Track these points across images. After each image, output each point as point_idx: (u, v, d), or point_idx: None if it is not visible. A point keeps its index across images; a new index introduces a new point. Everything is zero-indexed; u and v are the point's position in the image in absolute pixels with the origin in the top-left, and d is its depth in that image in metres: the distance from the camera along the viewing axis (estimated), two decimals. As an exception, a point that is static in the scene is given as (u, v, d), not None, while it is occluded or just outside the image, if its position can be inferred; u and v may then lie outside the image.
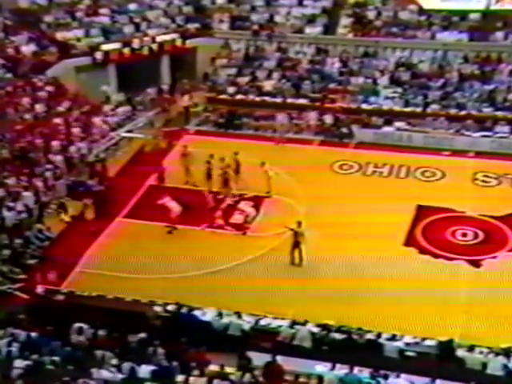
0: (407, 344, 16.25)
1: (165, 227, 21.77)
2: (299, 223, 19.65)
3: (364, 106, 29.53)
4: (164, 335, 16.21)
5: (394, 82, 30.29)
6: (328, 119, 28.87)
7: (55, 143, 25.19)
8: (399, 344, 16.22)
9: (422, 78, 30.30)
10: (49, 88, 28.11)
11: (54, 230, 21.79)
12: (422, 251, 20.56)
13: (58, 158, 24.55)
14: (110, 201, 23.03)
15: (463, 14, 31.25)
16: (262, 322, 16.97)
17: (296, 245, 19.55)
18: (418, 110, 28.93)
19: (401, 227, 21.57)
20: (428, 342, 16.26)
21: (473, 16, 31.23)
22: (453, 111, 28.58)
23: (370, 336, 16.37)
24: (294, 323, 16.74)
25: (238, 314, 17.09)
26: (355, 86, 30.48)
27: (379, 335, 16.38)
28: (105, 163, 25.44)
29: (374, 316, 17.35)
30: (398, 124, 28.31)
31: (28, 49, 29.35)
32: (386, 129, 28.31)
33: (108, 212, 22.66)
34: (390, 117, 28.70)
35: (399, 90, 29.84)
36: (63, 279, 19.42)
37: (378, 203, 22.41)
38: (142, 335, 16.14)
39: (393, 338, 16.34)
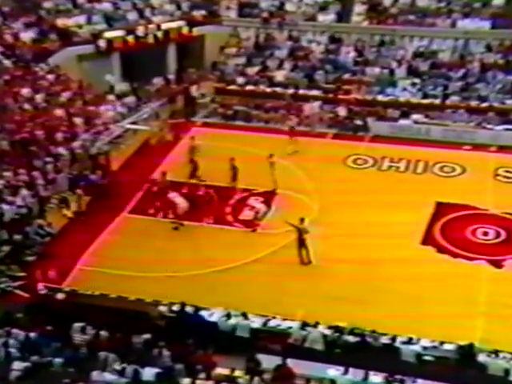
0: (424, 348, 16.16)
1: (171, 223, 21.80)
2: (302, 220, 19.54)
3: (380, 98, 29.44)
4: (169, 336, 16.20)
5: (412, 72, 30.15)
6: (342, 111, 28.80)
7: (56, 135, 25.19)
8: (416, 348, 16.14)
9: (441, 67, 30.15)
10: (50, 77, 28.13)
11: (55, 226, 21.85)
12: (441, 250, 20.47)
13: (59, 151, 24.56)
14: (113, 195, 23.04)
15: (485, 0, 31.05)
16: (272, 323, 16.97)
17: (301, 243, 19.45)
18: (437, 101, 28.80)
19: (418, 225, 21.48)
20: (447, 346, 16.16)
21: (496, 2, 30.97)
22: (474, 103, 28.42)
23: (385, 339, 16.31)
24: (304, 325, 16.71)
25: (246, 315, 17.07)
26: (371, 76, 30.37)
27: (395, 338, 16.31)
28: (108, 156, 25.44)
29: (390, 318, 17.24)
30: (416, 116, 28.20)
31: (27, 35, 29.35)
32: (403, 121, 28.20)
33: (111, 207, 22.65)
34: (407, 109, 28.60)
35: (417, 80, 29.73)
36: (64, 277, 19.46)
37: (394, 200, 22.34)
38: (147, 336, 16.15)
39: (409, 341, 16.26)
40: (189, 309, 17.36)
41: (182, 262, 19.93)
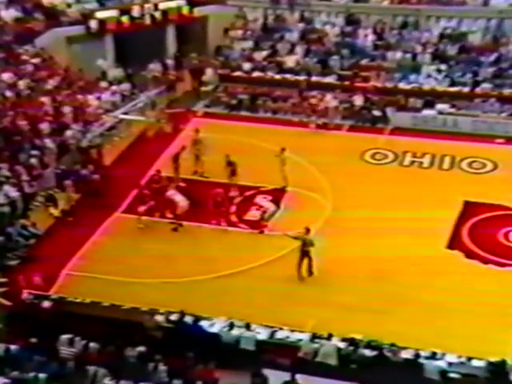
0: (450, 364, 16.09)
1: (169, 223, 21.80)
2: (307, 230, 19.29)
3: (401, 86, 29.44)
4: (166, 349, 16.20)
5: (438, 57, 30.11)
6: (359, 101, 28.75)
7: (42, 126, 25.26)
8: (441, 364, 16.07)
9: (471, 52, 30.11)
10: (35, 61, 28.18)
11: (40, 226, 21.87)
12: (469, 255, 20.40)
13: (46, 143, 24.61)
14: (105, 193, 23.06)
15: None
16: (279, 335, 16.94)
17: (304, 255, 19.16)
18: (466, 89, 28.76)
19: (444, 227, 21.43)
20: (475, 363, 16.08)
21: (534, -24, 30.90)
22: (507, 91, 28.34)
23: (405, 353, 16.25)
24: (316, 336, 16.69)
25: (251, 325, 17.06)
26: (391, 61, 30.36)
27: (417, 353, 16.25)
28: (100, 149, 25.48)
29: (411, 330, 17.21)
30: (442, 106, 28.13)
31: (9, 14, 29.39)
32: (427, 112, 28.14)
33: (104, 206, 22.68)
34: (431, 98, 28.56)
35: (444, 66, 29.68)
36: (50, 283, 19.45)
37: (416, 199, 22.33)
38: (141, 349, 16.15)
39: (433, 356, 16.20)
40: (188, 318, 17.36)
41: (181, 266, 19.94)
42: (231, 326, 17.08)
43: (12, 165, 23.11)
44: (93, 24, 30.89)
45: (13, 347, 16.18)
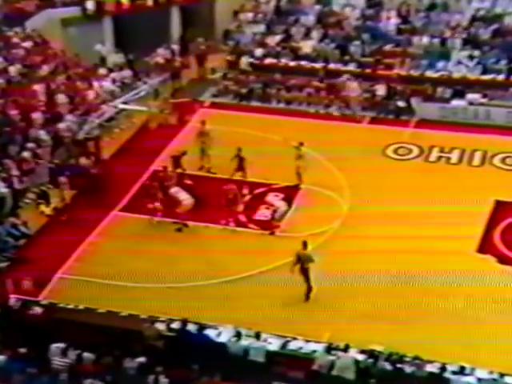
0: (480, 380, 16.06)
1: (173, 224, 21.83)
2: (304, 244, 18.94)
3: (429, 74, 29.39)
4: (168, 360, 16.27)
5: (470, 41, 29.99)
6: (381, 90, 28.70)
7: (35, 116, 25.34)
8: (470, 380, 16.04)
9: (507, 35, 29.97)
10: (26, 44, 28.26)
11: (32, 225, 21.95)
12: (502, 260, 20.34)
13: (39, 135, 24.69)
14: (103, 189, 23.11)
15: None
16: (292, 346, 16.95)
17: (302, 273, 18.86)
18: (500, 77, 28.67)
19: (474, 229, 21.39)
20: (508, 379, 16.04)
21: None
22: (547, 80, 28.29)
23: (430, 367, 16.23)
24: (332, 348, 16.67)
25: (261, 335, 17.06)
26: (418, 47, 30.30)
27: (443, 367, 16.22)
28: (98, 142, 25.54)
29: (436, 341, 17.12)
30: (473, 96, 28.07)
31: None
32: (457, 102, 28.07)
33: (101, 203, 22.73)
34: (462, 87, 28.48)
35: (476, 52, 29.57)
36: (42, 287, 19.52)
37: (443, 198, 22.26)
38: (141, 360, 16.22)
39: (461, 371, 16.17)
40: (192, 327, 17.39)
41: (185, 270, 19.95)
42: (239, 335, 17.09)
43: (1, 158, 23.20)
44: (90, 5, 31.04)
45: (1, 358, 16.25)
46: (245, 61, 30.74)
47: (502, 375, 16.10)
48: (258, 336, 17.10)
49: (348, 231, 21.17)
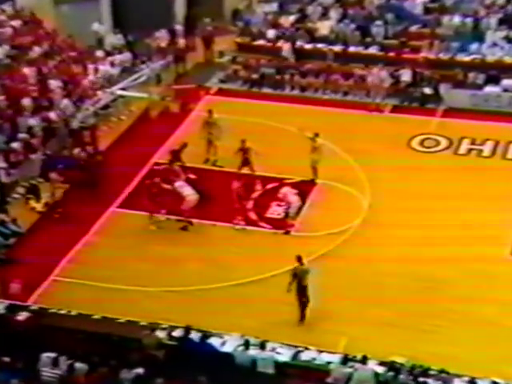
0: (513, 395, 16.06)
1: (176, 222, 21.88)
2: (299, 259, 18.55)
3: (459, 57, 29.32)
4: (168, 371, 16.25)
5: (506, 21, 29.83)
6: (406, 76, 28.68)
7: (25, 102, 25.41)
8: (502, 395, 16.05)
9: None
10: (15, 23, 28.32)
11: (22, 223, 22.02)
12: (539, 264, 20.32)
13: (29, 123, 24.76)
14: (100, 184, 23.19)
15: None
16: (304, 356, 16.92)
17: (299, 292, 18.52)
18: (540, 61, 28.56)
19: (508, 230, 21.35)
20: (545, 395, 16.04)
21: None
22: None
23: (458, 382, 16.12)
24: (348, 359, 16.63)
25: (271, 344, 17.01)
26: (448, 28, 30.24)
27: (473, 382, 16.12)
28: (94, 131, 25.58)
29: (465, 352, 17.13)
30: (508, 82, 27.99)
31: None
32: (490, 89, 28.04)
33: (98, 199, 22.83)
34: (496, 72, 28.42)
35: (513, 33, 29.50)
36: (32, 291, 19.58)
37: (474, 195, 22.29)
38: (139, 370, 16.23)
39: (492, 385, 16.16)
40: (195, 335, 17.39)
41: (190, 272, 20.05)
42: (247, 344, 17.03)
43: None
44: (86, -19, 31.10)
45: (-16, 368, 16.37)
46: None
47: (538, 391, 16.12)
48: (266, 345, 17.04)
49: (369, 231, 21.18)
